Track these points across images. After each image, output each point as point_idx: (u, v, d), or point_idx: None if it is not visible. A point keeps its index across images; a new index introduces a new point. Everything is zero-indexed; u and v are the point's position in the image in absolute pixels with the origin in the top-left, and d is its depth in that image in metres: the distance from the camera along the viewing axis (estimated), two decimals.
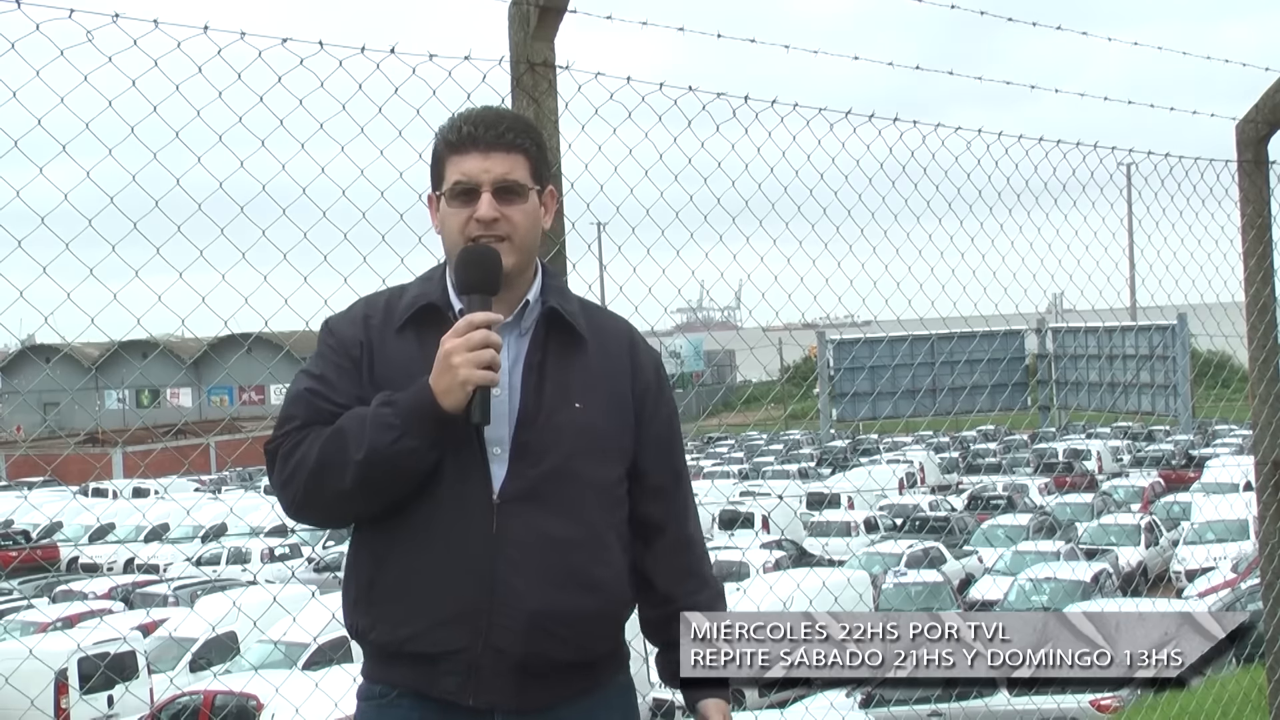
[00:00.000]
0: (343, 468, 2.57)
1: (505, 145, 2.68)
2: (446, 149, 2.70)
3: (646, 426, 2.81)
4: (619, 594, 2.76)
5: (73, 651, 15.64)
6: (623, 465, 2.78)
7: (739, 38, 4.60)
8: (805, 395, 55.52)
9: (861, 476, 34.67)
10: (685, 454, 2.96)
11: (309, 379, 2.71)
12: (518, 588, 2.60)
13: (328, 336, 2.75)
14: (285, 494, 2.66)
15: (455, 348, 2.54)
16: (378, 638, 2.68)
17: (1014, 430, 49.26)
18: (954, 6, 5.05)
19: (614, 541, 2.74)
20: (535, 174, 2.72)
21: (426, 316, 2.70)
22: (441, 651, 2.61)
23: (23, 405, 55.85)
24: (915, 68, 5.22)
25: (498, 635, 2.60)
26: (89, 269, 3.60)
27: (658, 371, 2.87)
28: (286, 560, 28.71)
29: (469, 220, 2.65)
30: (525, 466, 2.65)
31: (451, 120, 2.73)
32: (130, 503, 35.25)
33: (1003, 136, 5.34)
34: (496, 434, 2.65)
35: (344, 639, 15.93)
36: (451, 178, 2.68)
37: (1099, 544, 25.05)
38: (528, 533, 2.62)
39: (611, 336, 2.82)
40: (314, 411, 2.65)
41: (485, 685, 2.62)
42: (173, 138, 3.53)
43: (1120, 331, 39.93)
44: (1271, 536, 6.11)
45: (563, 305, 2.74)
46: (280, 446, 2.66)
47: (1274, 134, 6.04)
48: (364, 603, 2.69)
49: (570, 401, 2.69)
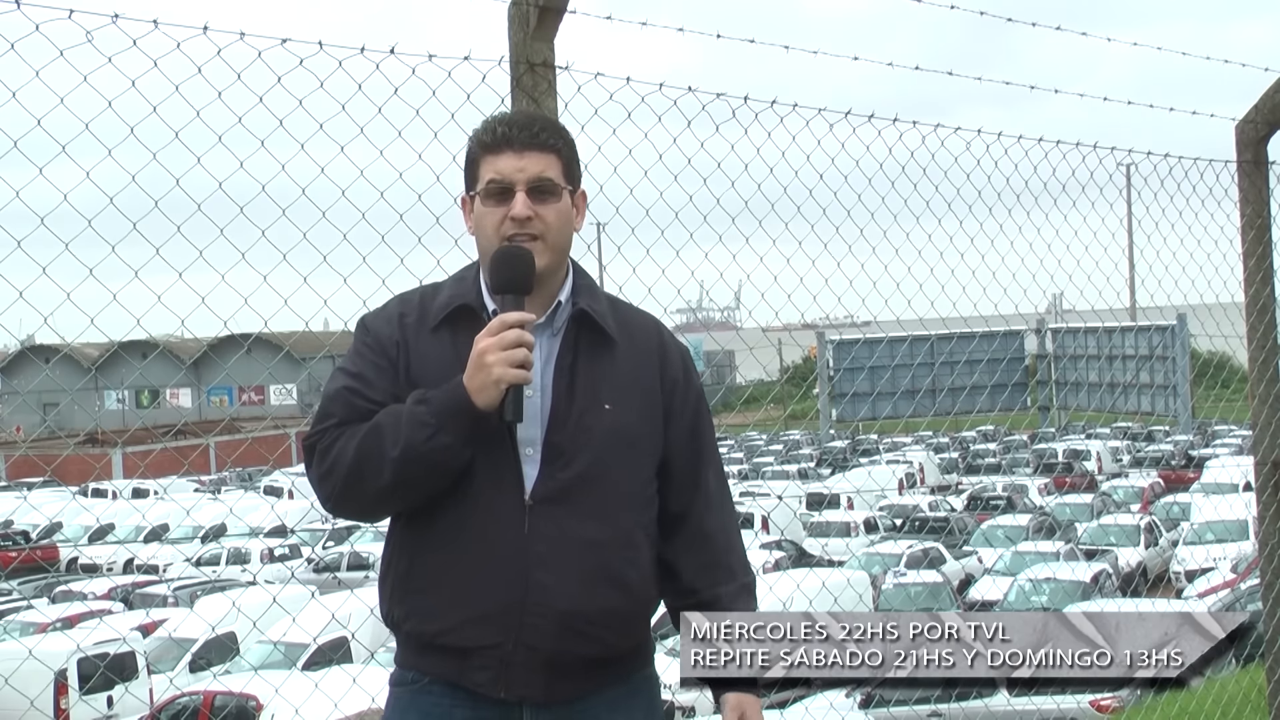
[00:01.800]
0: (379, 463, 2.64)
1: (539, 145, 2.73)
2: (481, 150, 2.76)
3: (674, 422, 2.85)
4: (646, 593, 2.81)
5: (72, 652, 15.64)
6: (653, 465, 2.83)
7: (738, 38, 4.60)
8: (805, 395, 55.52)
9: (861, 477, 34.67)
10: (716, 446, 2.98)
11: (346, 377, 2.77)
12: (549, 587, 2.67)
13: (364, 334, 2.81)
14: (323, 488, 2.73)
15: (489, 347, 2.61)
16: (412, 628, 2.75)
17: (1014, 430, 49.26)
18: (953, 6, 5.05)
19: (643, 541, 2.79)
20: (568, 174, 2.78)
21: (461, 317, 2.76)
22: (474, 646, 2.69)
23: (22, 405, 55.89)
24: (915, 68, 5.22)
25: (529, 633, 2.67)
26: (89, 269, 3.60)
27: (685, 365, 2.91)
28: (286, 561, 28.71)
29: (504, 219, 2.71)
30: (556, 469, 2.71)
31: (485, 122, 2.79)
32: (130, 503, 35.25)
33: (1002, 137, 5.34)
34: (528, 435, 2.71)
35: (343, 639, 15.94)
36: (486, 177, 2.73)
37: (1099, 544, 25.06)
38: (558, 534, 2.69)
39: (640, 334, 2.87)
40: (351, 409, 2.72)
41: (516, 679, 2.69)
42: (172, 138, 3.53)
43: (1120, 332, 39.98)
44: (1271, 537, 6.11)
45: (592, 306, 2.79)
46: (319, 442, 2.73)
47: (1273, 134, 6.04)
48: (399, 593, 2.76)
49: (600, 402, 2.75)
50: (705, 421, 2.94)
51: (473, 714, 2.73)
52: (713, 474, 2.93)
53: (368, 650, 15.27)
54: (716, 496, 2.93)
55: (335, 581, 23.62)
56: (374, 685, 4.90)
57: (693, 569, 2.86)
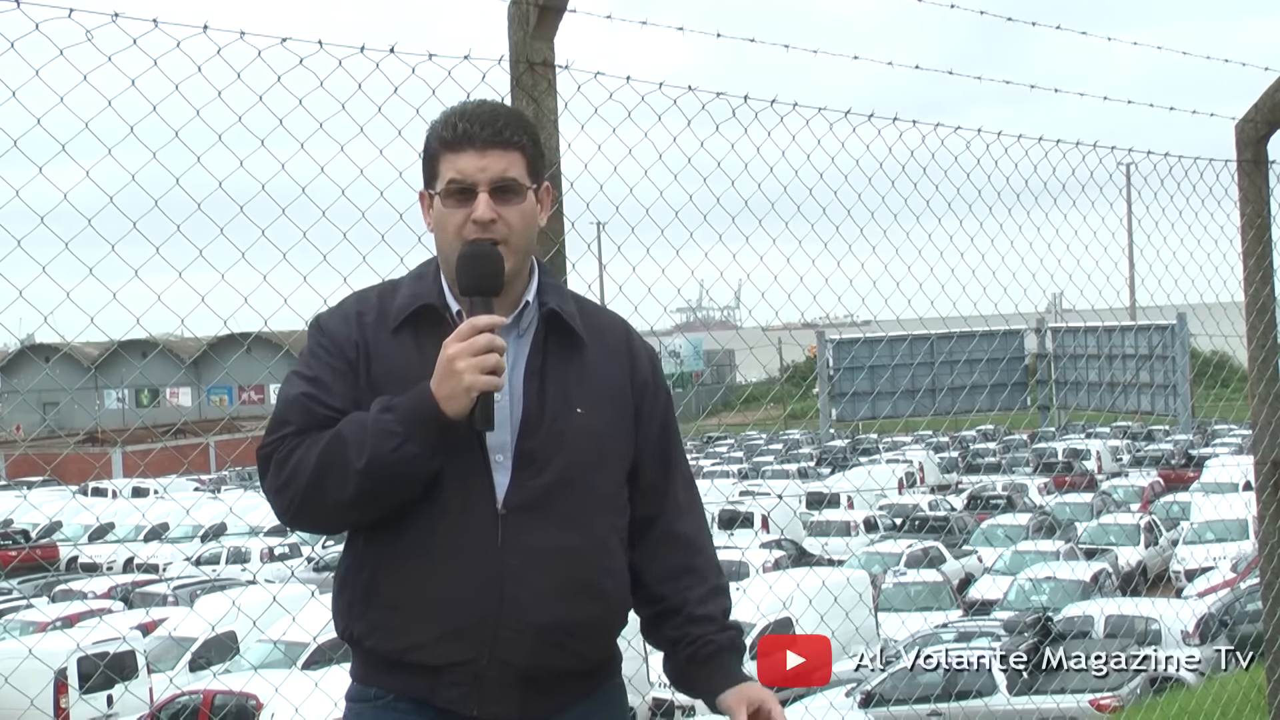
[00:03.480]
0: (343, 475, 2.51)
1: (502, 143, 2.59)
2: (441, 146, 2.61)
3: (644, 425, 2.76)
4: (623, 602, 2.72)
5: (72, 651, 15.63)
6: (625, 469, 2.73)
7: (738, 37, 4.60)
8: (805, 395, 55.54)
9: (861, 476, 34.70)
10: (683, 450, 2.89)
11: (303, 382, 2.63)
12: (523, 600, 2.56)
13: (319, 335, 2.67)
14: (280, 500, 2.59)
15: (459, 353, 2.48)
16: (376, 644, 2.62)
17: (1013, 430, 49.27)
18: (953, 6, 5.05)
19: (617, 547, 2.70)
20: (532, 171, 2.64)
21: (423, 317, 2.63)
22: (446, 664, 2.57)
23: (22, 405, 55.84)
24: (915, 67, 5.21)
25: (504, 648, 2.56)
26: (88, 268, 3.59)
27: (654, 368, 2.81)
28: (286, 560, 28.72)
29: (465, 221, 2.57)
30: (528, 476, 2.59)
31: (445, 116, 2.64)
32: (130, 502, 35.26)
33: (1002, 136, 5.34)
34: (499, 441, 2.59)
35: None
36: (446, 176, 2.59)
37: (1098, 544, 25.06)
38: (532, 544, 2.58)
39: (609, 336, 2.77)
40: (309, 416, 2.58)
41: (489, 696, 2.58)
42: (172, 137, 3.52)
43: (1120, 331, 40.00)
44: (1271, 536, 6.11)
45: (561, 306, 2.68)
46: (275, 452, 2.59)
47: (1273, 134, 6.03)
48: (360, 608, 2.64)
49: (572, 407, 2.64)
50: (672, 425, 2.84)
51: None
52: (681, 478, 2.84)
53: None
54: (685, 501, 2.83)
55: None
56: None
57: (659, 574, 2.76)
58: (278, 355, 25.76)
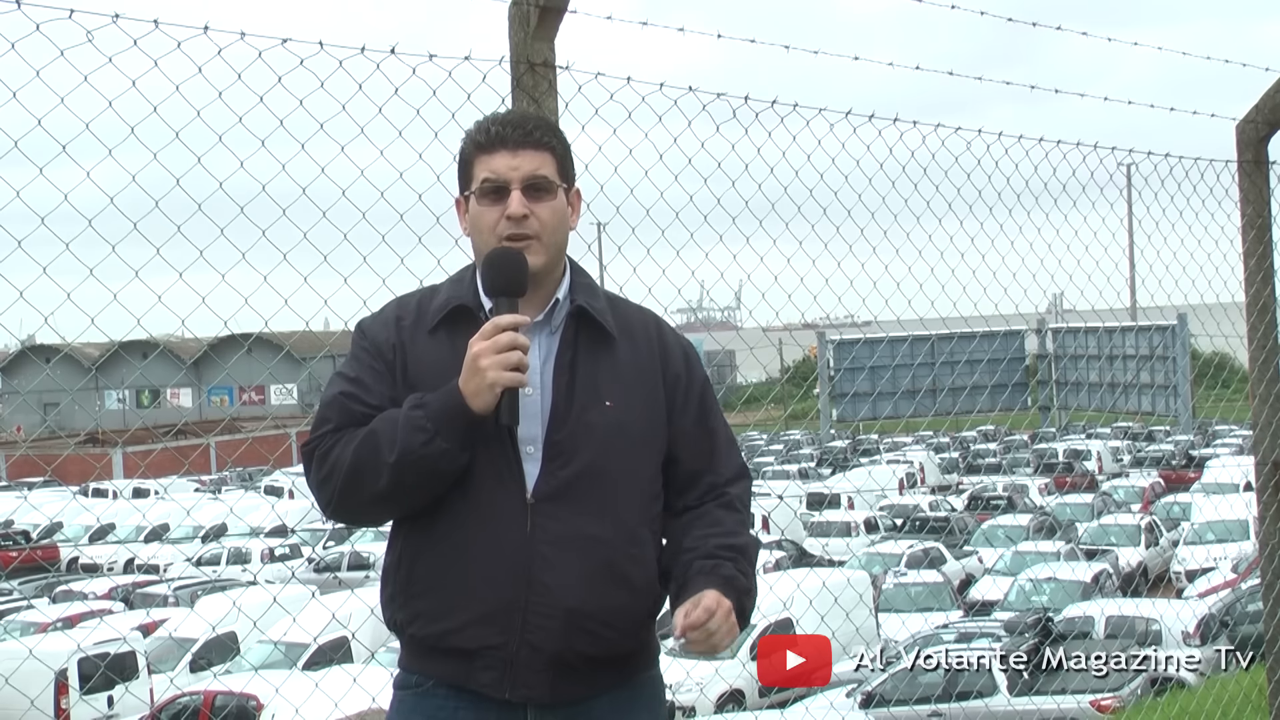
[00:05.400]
0: (376, 469, 2.64)
1: (534, 143, 2.73)
2: (475, 150, 2.76)
3: (678, 417, 2.83)
4: (652, 591, 2.78)
5: (73, 652, 15.65)
6: (656, 460, 2.80)
7: (738, 38, 4.60)
8: (805, 395, 55.52)
9: (861, 477, 34.69)
10: (729, 436, 2.91)
11: (343, 381, 2.77)
12: (552, 586, 2.65)
13: (361, 339, 2.81)
14: (321, 494, 2.73)
15: (483, 350, 2.60)
16: (416, 631, 2.74)
17: (1014, 430, 49.27)
18: (954, 7, 5.05)
19: (648, 538, 2.77)
20: (562, 172, 2.78)
21: (458, 318, 2.75)
22: (479, 647, 2.67)
23: (23, 405, 55.91)
24: (915, 68, 5.21)
25: (533, 632, 2.66)
26: (89, 269, 3.59)
27: (687, 359, 2.89)
28: (286, 560, 28.73)
29: (500, 218, 2.70)
30: (557, 466, 2.69)
31: (478, 123, 2.79)
32: (130, 503, 35.27)
33: (1003, 137, 5.34)
34: (529, 433, 2.70)
35: (344, 639, 15.94)
36: (480, 176, 2.73)
37: (1099, 544, 25.07)
38: (562, 532, 2.67)
39: (640, 330, 2.85)
40: (348, 414, 2.72)
41: (521, 680, 2.68)
42: (172, 138, 3.53)
43: (1120, 332, 39.98)
44: (1271, 537, 6.11)
45: (591, 303, 2.78)
46: (316, 449, 2.73)
47: (1274, 134, 6.03)
48: (401, 597, 2.75)
49: (601, 399, 2.73)
50: (714, 413, 2.90)
51: (477, 716, 2.71)
52: (725, 464, 2.86)
53: (368, 650, 15.27)
54: (732, 491, 2.86)
55: (336, 581, 23.63)
56: (374, 685, 4.91)
57: (694, 539, 2.77)
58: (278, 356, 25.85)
